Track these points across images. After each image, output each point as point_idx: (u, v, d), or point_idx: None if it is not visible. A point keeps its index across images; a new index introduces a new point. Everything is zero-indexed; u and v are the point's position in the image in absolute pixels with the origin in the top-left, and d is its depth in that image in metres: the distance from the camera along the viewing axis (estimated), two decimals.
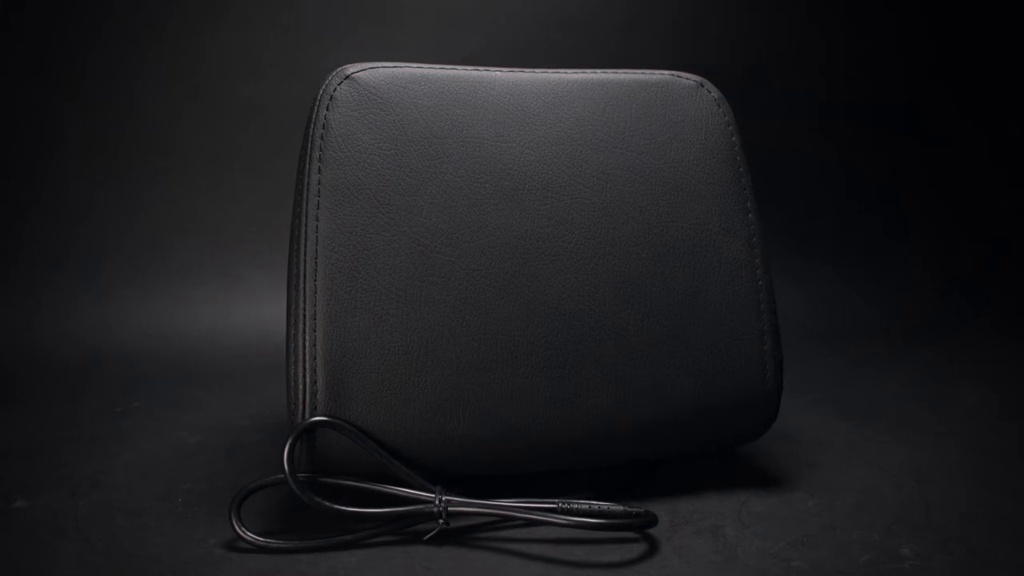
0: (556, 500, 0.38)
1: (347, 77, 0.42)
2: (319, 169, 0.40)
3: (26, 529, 0.40)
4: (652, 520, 0.37)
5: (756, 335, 0.44)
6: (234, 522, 0.37)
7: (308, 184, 0.40)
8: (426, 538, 0.38)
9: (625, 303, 0.42)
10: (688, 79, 0.46)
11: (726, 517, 0.41)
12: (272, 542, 0.37)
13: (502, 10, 0.99)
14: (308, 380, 0.38)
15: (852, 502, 0.43)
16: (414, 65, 0.43)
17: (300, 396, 0.38)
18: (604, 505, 0.38)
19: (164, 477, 0.47)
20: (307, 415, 0.38)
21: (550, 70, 0.45)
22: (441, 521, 0.37)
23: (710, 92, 0.46)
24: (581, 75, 0.45)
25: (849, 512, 0.42)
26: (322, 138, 0.41)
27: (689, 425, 0.43)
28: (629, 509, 0.37)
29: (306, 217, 0.40)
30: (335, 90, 0.41)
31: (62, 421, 0.58)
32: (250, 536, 0.37)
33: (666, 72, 0.47)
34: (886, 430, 0.57)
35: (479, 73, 0.44)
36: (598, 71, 0.46)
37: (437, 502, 0.37)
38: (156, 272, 0.89)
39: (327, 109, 0.41)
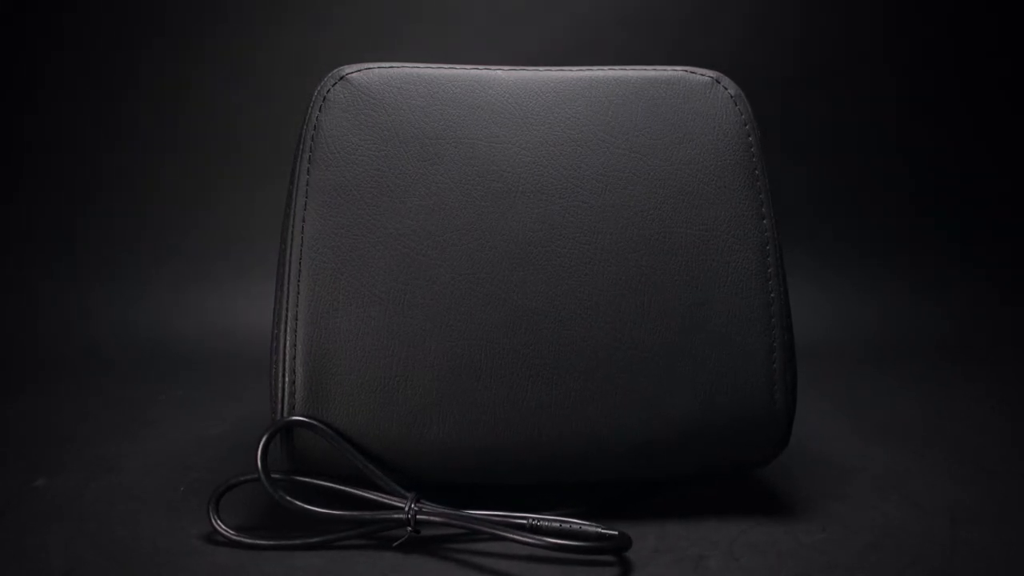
0: (529, 516, 0.36)
1: (342, 78, 0.42)
2: (308, 170, 0.41)
3: (28, 509, 0.42)
4: (624, 544, 0.35)
5: (765, 351, 0.41)
6: (211, 515, 0.38)
7: (297, 184, 0.40)
8: (395, 544, 0.37)
9: (621, 312, 0.40)
10: (703, 75, 0.44)
11: (717, 546, 0.38)
12: (244, 538, 0.38)
13: (562, 8, 0.98)
14: (287, 380, 0.39)
15: (867, 539, 0.39)
16: (411, 65, 0.43)
17: (279, 395, 0.39)
18: (577, 524, 0.36)
19: (177, 467, 0.48)
20: (285, 414, 0.38)
21: (554, 68, 0.44)
22: (409, 528, 0.37)
23: (727, 88, 0.43)
24: (585, 73, 0.43)
25: (859, 550, 0.38)
26: (313, 139, 0.41)
27: (687, 445, 0.40)
28: (603, 531, 0.35)
29: (293, 217, 0.40)
30: (328, 91, 0.41)
31: (103, 406, 0.61)
32: (223, 529, 0.38)
33: (679, 68, 0.44)
34: (928, 456, 0.51)
35: (478, 72, 0.43)
36: (605, 68, 0.44)
37: (407, 509, 0.37)
38: (224, 266, 0.93)
39: (319, 110, 0.41)
